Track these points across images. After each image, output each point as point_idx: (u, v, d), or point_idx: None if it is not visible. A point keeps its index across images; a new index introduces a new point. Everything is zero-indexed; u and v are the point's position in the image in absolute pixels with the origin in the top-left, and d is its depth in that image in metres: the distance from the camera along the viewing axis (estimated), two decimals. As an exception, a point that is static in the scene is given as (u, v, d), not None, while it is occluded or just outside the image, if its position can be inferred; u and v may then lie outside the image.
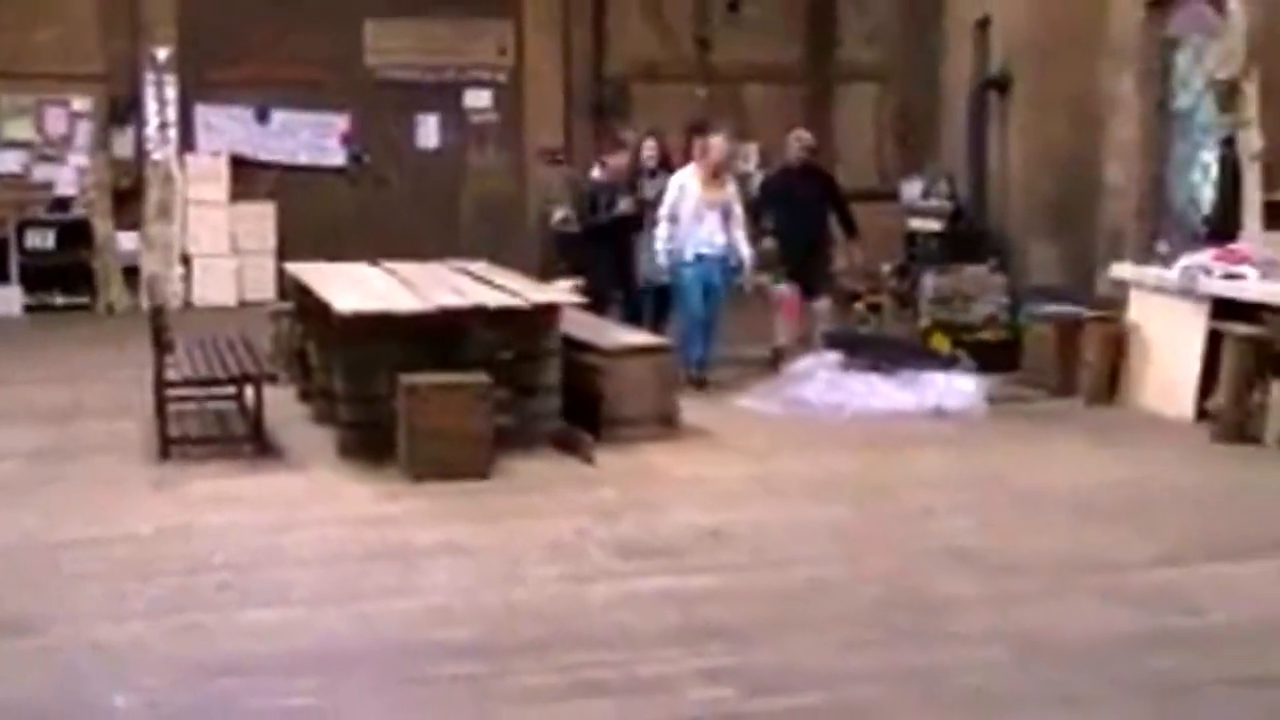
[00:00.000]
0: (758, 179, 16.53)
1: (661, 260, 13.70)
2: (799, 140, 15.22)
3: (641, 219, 14.13)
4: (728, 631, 7.31)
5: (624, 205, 14.10)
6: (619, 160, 14.56)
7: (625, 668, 6.80)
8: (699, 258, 13.70)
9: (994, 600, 7.88)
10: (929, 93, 19.98)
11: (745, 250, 13.96)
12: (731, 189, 14.06)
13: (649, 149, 14.97)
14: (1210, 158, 14.74)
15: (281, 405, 11.98)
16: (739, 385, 13.56)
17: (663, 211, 13.68)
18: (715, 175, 13.86)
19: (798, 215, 14.71)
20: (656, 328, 13.82)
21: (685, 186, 13.75)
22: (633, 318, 13.90)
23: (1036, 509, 9.78)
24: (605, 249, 14.27)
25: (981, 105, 18.20)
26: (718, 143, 14.00)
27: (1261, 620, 7.62)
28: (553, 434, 11.11)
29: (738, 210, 13.98)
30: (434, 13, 20.21)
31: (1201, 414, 12.14)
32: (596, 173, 14.80)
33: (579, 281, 14.33)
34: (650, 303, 14.36)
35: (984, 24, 18.17)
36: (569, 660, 6.90)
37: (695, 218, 13.69)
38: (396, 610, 7.64)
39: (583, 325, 12.22)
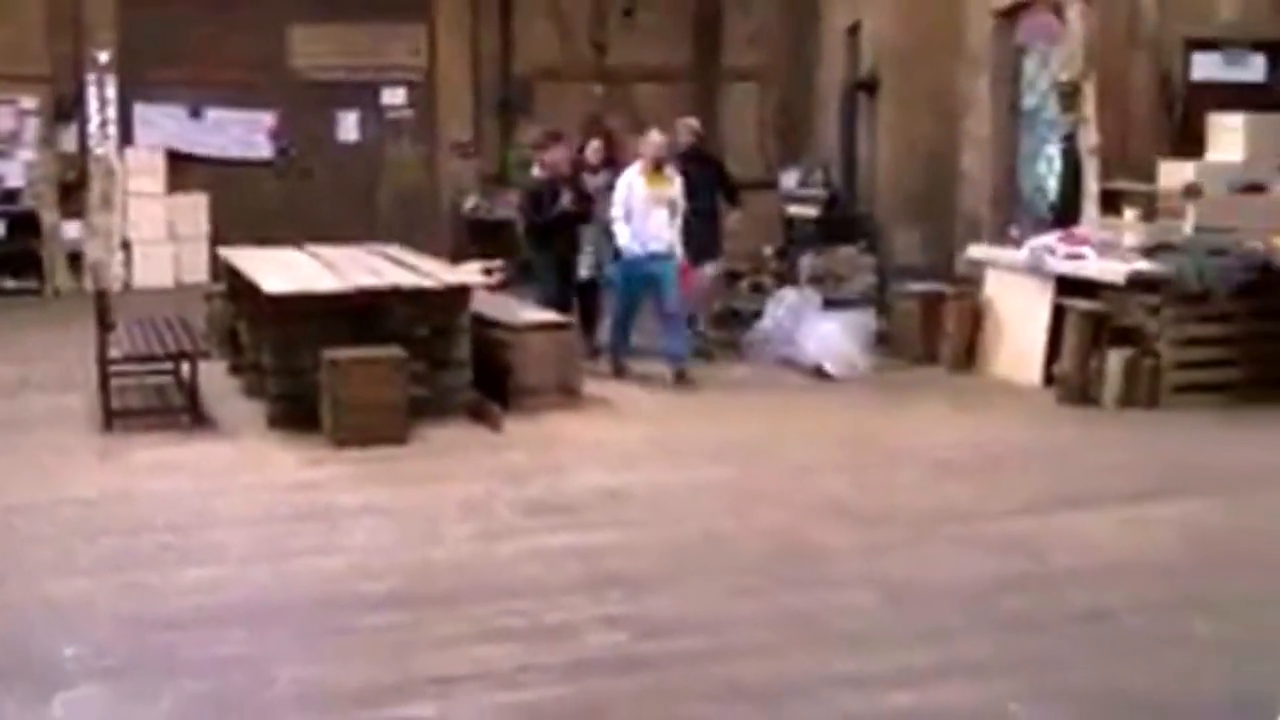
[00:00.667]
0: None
1: (630, 254, 12.78)
2: (687, 127, 14.73)
3: (586, 214, 13.41)
4: (626, 581, 7.34)
5: (565, 201, 13.12)
6: (556, 155, 13.57)
7: (532, 616, 6.81)
8: (649, 254, 12.75)
9: (867, 549, 7.95)
10: (805, 92, 20.00)
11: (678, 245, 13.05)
12: (677, 184, 13.10)
13: (594, 147, 14.40)
14: (1054, 151, 14.87)
15: (215, 379, 11.88)
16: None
17: (614, 211, 12.83)
18: (658, 170, 12.93)
19: (691, 197, 13.82)
20: (587, 323, 13.45)
21: (632, 184, 12.85)
22: (565, 309, 13.03)
23: (904, 466, 9.86)
24: (550, 246, 13.35)
25: (852, 104, 18.25)
26: (653, 138, 13.09)
27: (1099, 563, 7.75)
28: (465, 403, 11.07)
29: (681, 205, 13.05)
30: (354, 18, 20.03)
31: (1048, 379, 12.26)
32: (536, 171, 13.86)
33: (493, 264, 14.27)
34: (578, 297, 13.61)
35: (854, 30, 18.21)
36: (480, 610, 6.91)
37: (642, 214, 12.76)
38: (321, 567, 7.61)
39: (491, 304, 12.20)
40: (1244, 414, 11.35)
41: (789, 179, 18.65)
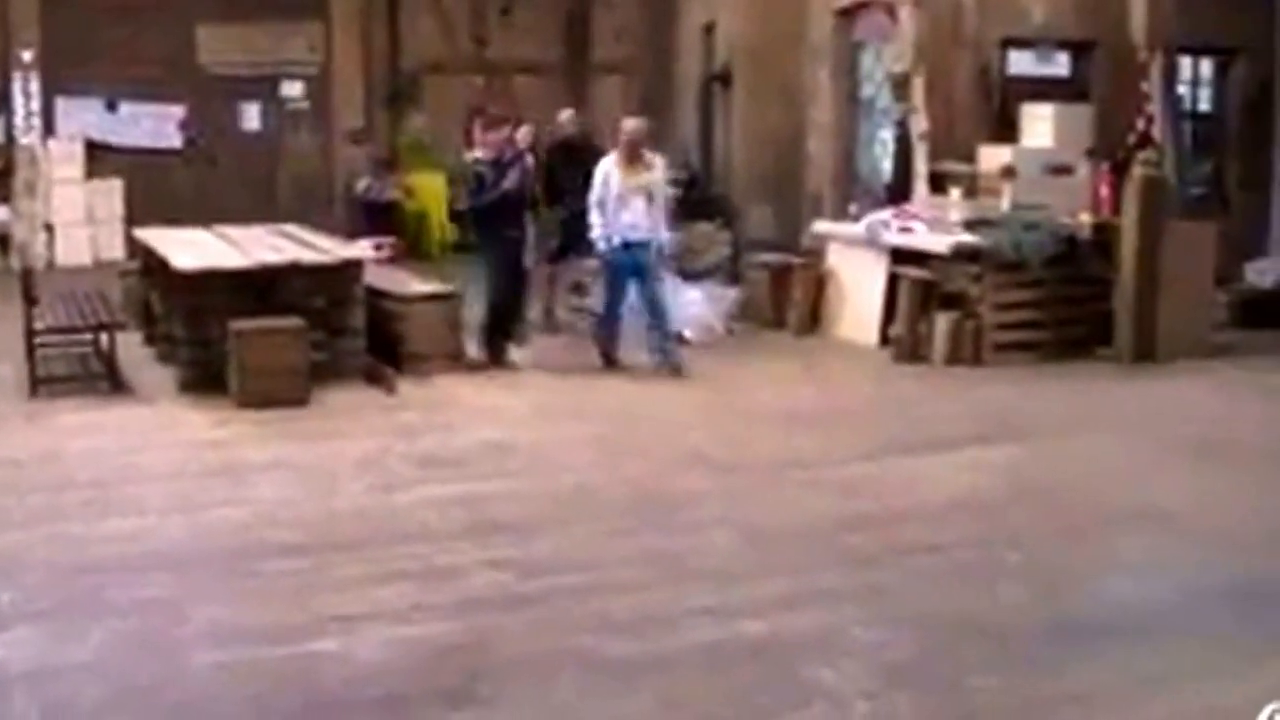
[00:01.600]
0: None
1: (599, 247, 11.59)
2: (569, 119, 14.13)
3: (533, 198, 12.12)
4: (509, 527, 7.33)
5: (509, 182, 11.48)
6: (498, 137, 11.75)
7: (425, 559, 6.79)
8: (625, 244, 11.47)
9: (724, 495, 7.99)
10: (666, 84, 20.02)
11: (663, 233, 11.73)
12: (656, 173, 11.73)
13: (524, 132, 12.91)
14: (888, 136, 15.02)
15: (131, 349, 11.64)
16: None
17: (591, 199, 11.57)
18: (633, 159, 11.55)
19: (582, 180, 12.39)
20: (508, 309, 11.82)
21: (609, 174, 11.51)
22: (511, 300, 11.81)
23: (757, 420, 9.92)
24: (494, 230, 11.66)
25: (709, 94, 18.35)
26: (628, 124, 11.83)
27: (931, 503, 7.86)
28: (360, 368, 10.97)
29: (658, 194, 11.63)
30: (255, 18, 19.77)
31: (884, 340, 12.40)
32: (480, 153, 11.85)
33: (384, 241, 14.08)
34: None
35: (710, 28, 18.27)
36: (378, 554, 6.87)
37: (620, 203, 11.43)
38: (232, 517, 7.51)
39: (382, 277, 12.10)
40: (1053, 369, 11.58)
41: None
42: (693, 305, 13.16)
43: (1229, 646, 5.75)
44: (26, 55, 18.72)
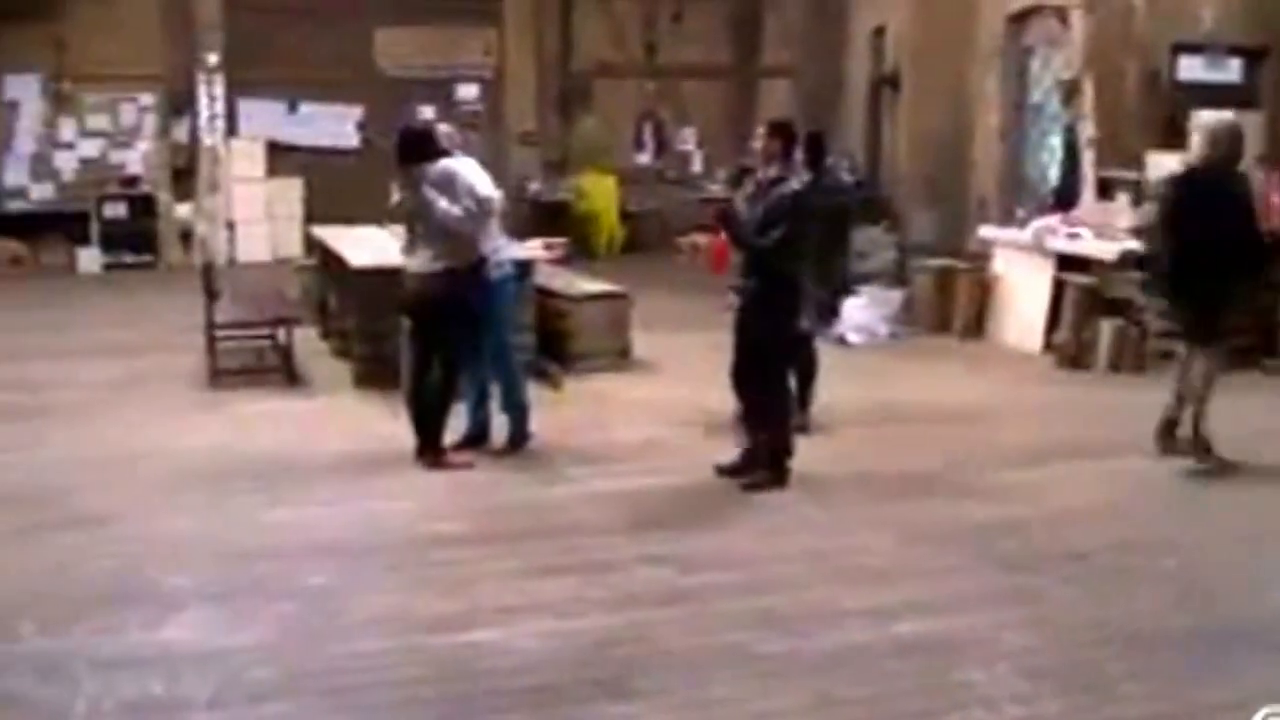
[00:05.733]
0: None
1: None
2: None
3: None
4: (666, 523, 7.41)
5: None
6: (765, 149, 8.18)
7: (583, 553, 6.88)
8: None
9: (880, 497, 7.98)
10: (834, 87, 19.93)
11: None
12: None
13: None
14: (1056, 142, 14.84)
15: (307, 343, 11.93)
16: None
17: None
18: None
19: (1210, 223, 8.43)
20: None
21: None
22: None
23: (921, 424, 9.83)
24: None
25: (876, 98, 18.24)
26: None
27: (1086, 507, 7.79)
28: (529, 365, 11.09)
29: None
30: (431, 22, 20.09)
31: (1048, 346, 12.25)
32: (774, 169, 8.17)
33: (554, 241, 14.22)
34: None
35: (879, 32, 18.14)
36: (537, 548, 6.97)
37: None
38: (399, 509, 7.69)
39: (550, 275, 12.22)
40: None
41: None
42: (855, 309, 13.07)
43: (1392, 663, 5.61)
44: (211, 59, 19.24)
